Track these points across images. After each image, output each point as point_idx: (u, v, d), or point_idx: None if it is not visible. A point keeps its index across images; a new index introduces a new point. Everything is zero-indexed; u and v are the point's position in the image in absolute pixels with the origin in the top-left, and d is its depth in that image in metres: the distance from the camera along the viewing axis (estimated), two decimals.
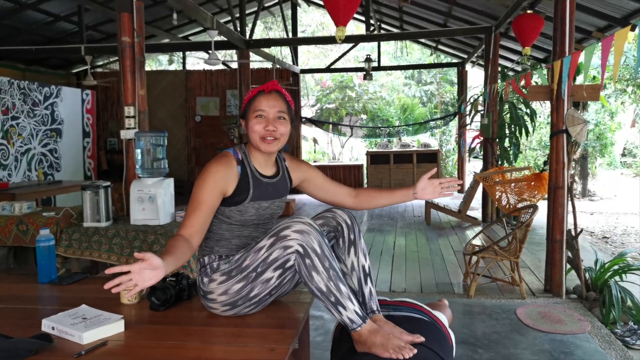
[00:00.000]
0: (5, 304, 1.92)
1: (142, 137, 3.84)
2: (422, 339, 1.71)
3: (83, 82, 8.45)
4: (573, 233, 4.39)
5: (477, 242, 4.85)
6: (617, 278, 4.29)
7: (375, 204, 2.08)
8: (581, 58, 3.57)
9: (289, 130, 1.88)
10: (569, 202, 4.39)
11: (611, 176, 15.63)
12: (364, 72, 10.51)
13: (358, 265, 1.85)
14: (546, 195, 4.63)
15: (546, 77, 4.40)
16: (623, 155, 18.13)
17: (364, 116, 14.43)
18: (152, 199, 3.75)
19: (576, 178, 11.82)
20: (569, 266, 4.52)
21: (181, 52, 12.52)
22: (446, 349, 1.79)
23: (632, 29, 2.70)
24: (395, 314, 1.88)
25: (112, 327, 1.62)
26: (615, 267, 4.35)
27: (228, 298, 1.75)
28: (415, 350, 1.64)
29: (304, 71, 12.29)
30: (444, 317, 1.99)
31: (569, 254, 4.42)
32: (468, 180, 10.58)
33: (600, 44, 3.11)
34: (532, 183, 5.94)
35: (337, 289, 1.65)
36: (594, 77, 9.39)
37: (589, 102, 11.46)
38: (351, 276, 1.86)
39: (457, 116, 11.33)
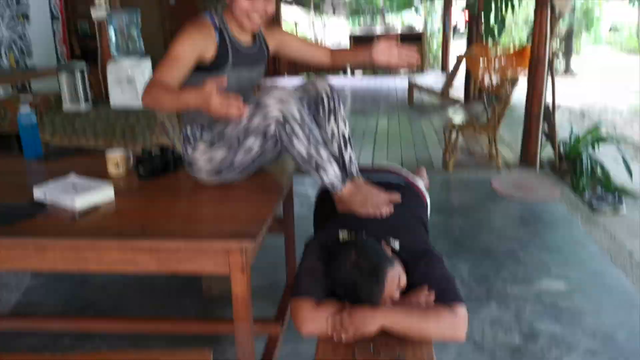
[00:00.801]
0: None
1: (115, 16, 3.69)
2: (399, 198, 1.81)
3: None
4: (551, 107, 4.47)
5: (458, 119, 4.93)
6: (589, 150, 4.46)
7: (346, 60, 2.28)
8: None
9: (274, 9, 1.84)
10: (549, 77, 4.42)
11: (596, 52, 15.51)
12: None
13: (338, 132, 1.90)
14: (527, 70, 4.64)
15: None
16: (609, 30, 17.84)
17: None
18: (130, 80, 3.69)
19: (560, 54, 11.74)
20: (545, 140, 4.65)
21: None
22: (421, 208, 1.91)
23: None
24: (374, 178, 1.96)
25: (103, 193, 1.68)
26: (589, 138, 4.49)
27: (212, 166, 1.81)
28: (393, 209, 1.75)
29: None
30: (420, 181, 2.09)
31: (546, 128, 4.53)
32: (452, 61, 10.46)
33: None
34: (514, 58, 5.90)
35: (318, 154, 1.71)
36: None
37: None
38: (331, 143, 1.91)
39: None
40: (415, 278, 1.52)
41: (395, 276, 1.44)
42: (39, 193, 1.69)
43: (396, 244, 1.57)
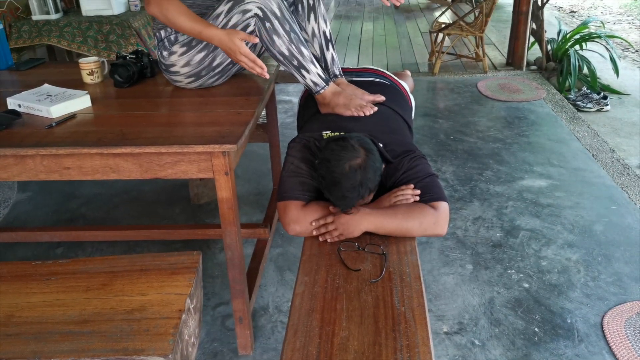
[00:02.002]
0: None
1: None
2: (383, 98, 1.79)
3: None
4: (539, 3, 4.34)
5: (445, 20, 4.78)
6: (577, 48, 4.38)
7: None
8: None
9: None
10: None
11: None
12: None
13: (319, 31, 1.83)
14: None
15: None
16: None
17: None
18: None
19: None
20: (532, 40, 4.56)
21: None
22: (405, 108, 1.89)
23: None
24: (358, 79, 1.92)
25: (79, 101, 1.64)
26: (577, 36, 4.40)
27: (191, 69, 1.76)
28: (376, 109, 1.73)
29: None
30: (405, 83, 2.05)
31: (534, 26, 4.43)
32: None
33: None
34: None
35: (299, 52, 1.66)
36: None
37: None
38: (312, 43, 1.85)
39: None
40: (399, 177, 1.53)
41: (378, 169, 1.43)
42: (13, 103, 1.64)
43: (380, 144, 1.57)
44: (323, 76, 1.72)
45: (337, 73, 1.87)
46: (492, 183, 2.70)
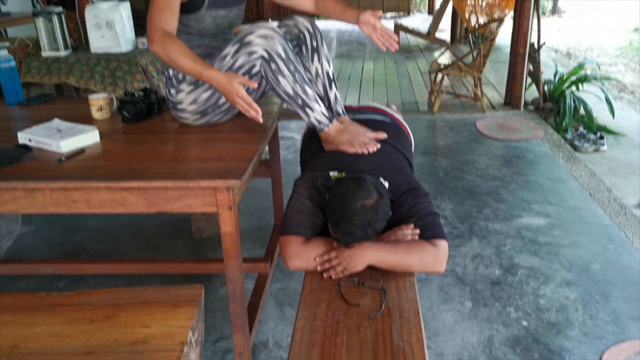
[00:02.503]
0: None
1: None
2: (385, 135, 1.84)
3: None
4: (536, 46, 4.46)
5: (444, 60, 4.90)
6: (573, 89, 4.48)
7: (331, 14, 2.02)
8: None
9: None
10: (535, 16, 4.38)
11: None
12: None
13: (322, 71, 1.90)
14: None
15: None
16: None
17: None
18: (109, 25, 3.60)
19: None
20: (529, 81, 4.66)
21: None
22: (406, 145, 1.94)
23: None
24: (360, 117, 1.98)
25: (88, 136, 1.69)
26: (573, 77, 4.51)
27: (197, 107, 1.81)
28: (379, 145, 1.78)
29: None
30: (402, 118, 2.11)
31: (530, 67, 4.53)
32: (438, 3, 10.26)
33: None
34: None
35: (304, 92, 1.72)
36: None
37: None
38: (316, 82, 1.91)
39: None
40: (402, 214, 1.56)
41: (387, 213, 1.48)
42: (24, 138, 1.69)
43: (385, 183, 1.60)
44: (327, 114, 1.77)
45: (340, 111, 1.92)
46: (490, 221, 2.73)
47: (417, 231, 1.51)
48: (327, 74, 1.91)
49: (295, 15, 1.94)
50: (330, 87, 1.92)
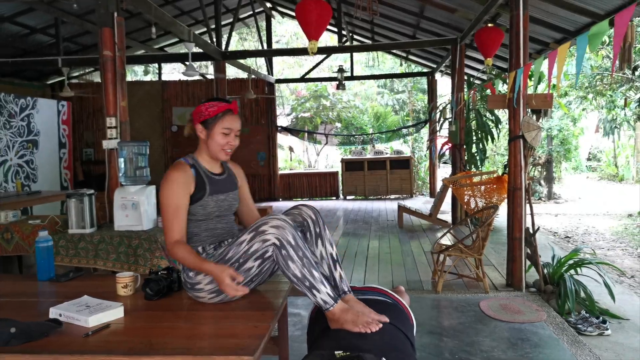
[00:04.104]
0: (12, 298, 2.12)
1: (125, 147, 4.03)
2: (387, 319, 1.97)
3: (59, 93, 8.55)
4: (531, 231, 4.72)
5: (446, 241, 5.15)
6: (572, 272, 4.63)
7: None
8: (533, 68, 3.91)
9: (238, 143, 2.27)
10: (527, 203, 4.72)
11: (577, 180, 16.24)
12: (337, 82, 10.81)
13: (326, 254, 2.09)
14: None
15: (505, 86, 4.74)
16: (588, 159, 18.86)
17: (338, 124, 14.74)
18: (135, 206, 3.94)
19: (542, 182, 12.32)
20: (530, 263, 4.84)
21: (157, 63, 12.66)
22: (408, 326, 2.05)
23: (571, 45, 3.03)
24: (363, 297, 2.13)
25: (114, 312, 1.83)
26: (570, 262, 4.69)
27: (214, 286, 1.99)
28: (381, 325, 1.90)
29: (279, 81, 12.56)
30: (404, 300, 2.25)
31: (528, 251, 4.75)
32: (439, 185, 10.94)
33: (547, 58, 3.44)
34: (494, 185, 6.28)
35: (311, 275, 1.90)
36: (554, 86, 9.86)
37: (551, 109, 11.98)
38: (322, 264, 2.10)
39: (428, 123, 11.73)
40: None
41: None
42: (55, 313, 1.83)
43: None
44: (332, 294, 1.93)
45: (346, 290, 2.07)
46: None
47: None
48: (331, 255, 2.11)
49: (300, 205, 2.20)
50: (335, 268, 2.09)
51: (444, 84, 13.38)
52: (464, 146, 8.09)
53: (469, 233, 4.88)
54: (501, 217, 4.75)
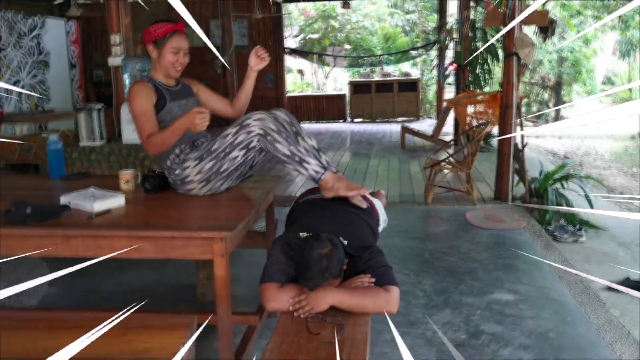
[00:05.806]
0: (28, 191, 2.41)
1: (129, 63, 4.22)
2: (368, 190, 2.25)
3: (66, 13, 8.59)
4: (519, 147, 4.91)
5: (438, 157, 5.36)
6: (558, 186, 4.86)
7: (243, 100, 2.56)
8: None
9: (188, 60, 2.45)
10: (518, 119, 4.88)
11: (589, 103, 16.08)
12: (343, 1, 10.66)
13: (309, 146, 2.29)
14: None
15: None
16: (604, 83, 18.54)
17: (347, 46, 14.60)
18: None
19: (550, 104, 12.31)
20: (517, 178, 5.07)
21: None
22: (372, 218, 2.31)
23: None
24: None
25: (116, 200, 2.11)
26: (556, 176, 4.91)
27: (202, 175, 2.23)
28: (370, 190, 2.20)
29: (286, 0, 12.37)
30: (377, 200, 2.50)
31: (517, 166, 4.96)
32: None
33: None
34: (489, 103, 6.40)
35: (298, 150, 2.13)
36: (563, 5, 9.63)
37: (565, 29, 11.73)
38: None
39: (437, 45, 11.60)
40: (360, 266, 1.92)
41: (341, 260, 1.83)
42: (65, 201, 2.11)
43: (345, 242, 1.97)
44: (322, 163, 2.17)
45: (333, 169, 2.27)
46: (464, 295, 3.02)
47: (373, 280, 1.85)
48: (313, 146, 2.30)
49: (272, 110, 2.38)
50: (320, 155, 2.30)
51: (454, 3, 13.06)
52: (469, 67, 8.10)
53: (459, 148, 5.08)
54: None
